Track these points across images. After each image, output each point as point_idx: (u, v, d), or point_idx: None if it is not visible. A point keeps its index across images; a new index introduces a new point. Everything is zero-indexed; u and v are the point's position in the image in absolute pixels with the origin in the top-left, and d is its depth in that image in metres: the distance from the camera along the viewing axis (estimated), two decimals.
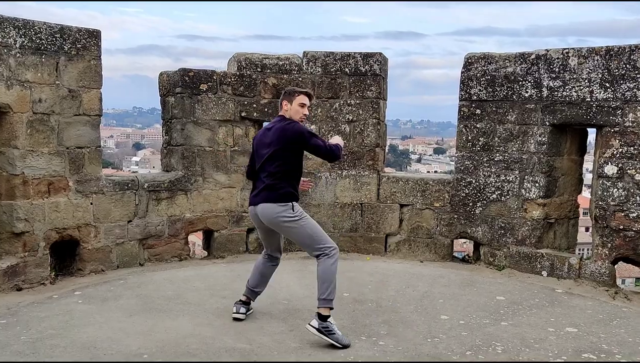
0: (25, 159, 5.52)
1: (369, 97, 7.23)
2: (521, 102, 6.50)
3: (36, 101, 5.56)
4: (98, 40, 6.03)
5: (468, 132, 6.86)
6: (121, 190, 6.32)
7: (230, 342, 4.20)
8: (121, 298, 5.19)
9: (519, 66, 6.50)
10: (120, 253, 6.34)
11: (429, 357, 4.02)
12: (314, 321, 4.18)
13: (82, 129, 5.96)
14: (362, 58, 7.21)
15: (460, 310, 5.07)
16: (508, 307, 5.21)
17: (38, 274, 5.65)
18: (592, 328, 4.71)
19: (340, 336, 4.15)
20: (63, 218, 5.84)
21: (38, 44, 5.55)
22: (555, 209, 6.54)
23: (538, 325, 4.76)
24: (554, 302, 5.42)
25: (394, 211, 7.27)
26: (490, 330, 4.60)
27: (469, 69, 6.79)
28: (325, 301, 4.20)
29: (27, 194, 5.54)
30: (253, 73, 7.05)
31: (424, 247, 7.15)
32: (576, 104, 6.14)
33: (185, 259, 6.83)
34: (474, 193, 6.87)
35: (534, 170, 6.47)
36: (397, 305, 5.17)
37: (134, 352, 3.98)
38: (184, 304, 5.05)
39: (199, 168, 6.90)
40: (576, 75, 6.12)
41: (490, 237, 6.79)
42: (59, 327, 4.44)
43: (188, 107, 6.82)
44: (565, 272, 6.22)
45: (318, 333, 4.13)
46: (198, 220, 6.94)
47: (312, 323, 4.17)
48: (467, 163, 6.89)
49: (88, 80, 5.95)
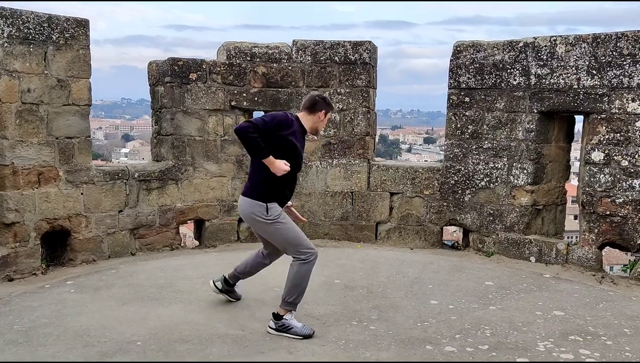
0: (15, 149, 5.50)
1: (358, 85, 7.26)
2: (509, 89, 6.56)
3: (25, 91, 5.54)
4: (86, 29, 6.00)
5: (457, 120, 6.91)
6: (112, 180, 6.32)
7: (223, 329, 4.24)
8: (113, 287, 5.21)
9: (507, 54, 6.55)
10: (111, 243, 6.35)
11: (419, 341, 4.09)
12: (271, 322, 4.15)
13: (72, 119, 5.94)
14: (351, 47, 7.23)
15: (450, 295, 5.14)
16: (496, 292, 5.29)
17: (29, 264, 5.65)
18: (578, 312, 4.80)
19: (299, 328, 4.10)
20: (54, 208, 5.84)
21: (26, 33, 5.52)
22: (543, 196, 6.62)
23: (526, 309, 4.84)
24: (542, 286, 5.51)
25: (384, 199, 7.32)
26: (479, 315, 4.67)
27: (458, 57, 6.83)
28: (290, 304, 4.14)
29: (17, 184, 5.53)
30: (242, 62, 7.05)
31: (414, 235, 7.21)
32: (564, 92, 6.20)
33: (177, 249, 6.85)
34: (463, 180, 6.93)
35: (522, 157, 6.54)
36: (387, 291, 5.23)
37: (127, 339, 4.01)
38: (176, 292, 5.08)
39: (190, 157, 6.91)
40: (564, 62, 6.18)
41: (479, 223, 6.87)
42: (52, 315, 4.46)
43: (177, 97, 6.81)
44: (553, 258, 6.31)
45: (278, 333, 4.10)
46: (189, 209, 6.95)
47: (270, 325, 4.15)
48: (456, 151, 6.95)
49: (77, 69, 5.93)
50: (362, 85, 7.26)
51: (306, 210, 7.34)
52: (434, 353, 3.89)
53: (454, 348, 3.99)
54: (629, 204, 5.86)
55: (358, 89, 7.26)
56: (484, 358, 3.84)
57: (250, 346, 3.95)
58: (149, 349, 3.87)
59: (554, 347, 4.04)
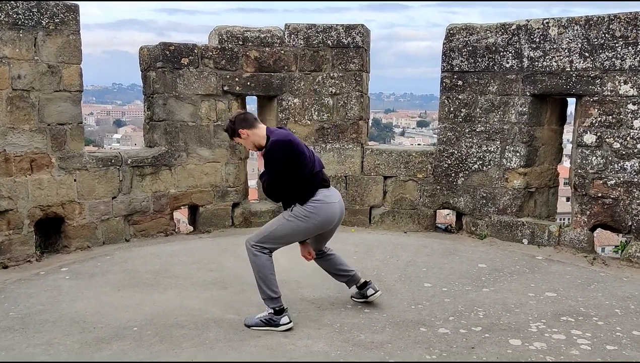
0: (6, 136, 5.47)
1: (351, 69, 7.24)
2: (502, 72, 6.56)
3: (15, 77, 5.49)
4: (76, 14, 5.94)
5: (450, 103, 6.91)
6: (105, 166, 6.30)
7: (219, 313, 4.27)
8: (108, 274, 5.22)
9: (500, 37, 6.54)
10: (105, 230, 6.35)
11: (413, 323, 4.13)
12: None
13: (63, 105, 5.90)
14: (344, 30, 7.19)
15: (443, 278, 5.19)
16: (489, 274, 5.34)
17: (24, 252, 5.65)
18: (570, 293, 4.85)
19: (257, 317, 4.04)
20: (47, 195, 5.82)
21: (15, 19, 5.46)
22: (536, 178, 6.65)
23: (519, 290, 4.90)
24: (534, 268, 5.56)
25: (377, 183, 7.34)
26: (473, 297, 4.72)
27: (451, 40, 6.82)
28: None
29: (9, 171, 5.50)
30: (235, 46, 7.00)
31: (408, 218, 7.25)
32: (556, 74, 6.21)
33: (171, 234, 6.86)
34: (456, 164, 6.95)
35: (514, 140, 6.56)
36: (381, 274, 5.27)
37: (123, 325, 4.04)
38: (171, 278, 5.10)
39: (183, 143, 6.88)
40: (556, 45, 6.18)
41: (472, 206, 6.90)
42: (48, 302, 4.48)
43: (169, 82, 6.77)
44: (545, 240, 6.37)
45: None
46: (183, 195, 6.95)
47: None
48: (449, 134, 6.96)
49: (67, 55, 5.88)
50: (355, 69, 7.24)
51: None
52: (428, 335, 3.94)
53: (447, 330, 4.03)
54: (620, 186, 5.91)
55: (351, 73, 7.24)
56: (477, 339, 3.89)
57: (246, 330, 3.98)
58: (145, 334, 3.89)
59: (546, 328, 4.09)
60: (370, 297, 4.45)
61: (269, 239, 4.05)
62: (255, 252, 4.02)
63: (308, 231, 4.08)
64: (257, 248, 4.02)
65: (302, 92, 7.23)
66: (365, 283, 4.47)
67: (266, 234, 4.05)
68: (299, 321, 4.14)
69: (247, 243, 4.07)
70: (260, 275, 4.01)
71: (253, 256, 4.03)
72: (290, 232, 4.05)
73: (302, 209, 3.99)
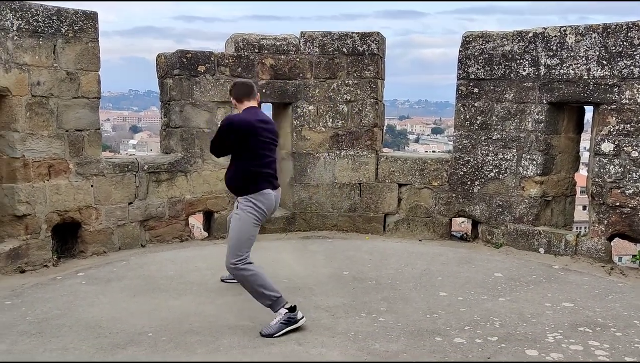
0: (25, 142, 5.54)
1: (366, 76, 7.24)
2: (519, 80, 6.52)
3: (35, 84, 5.57)
4: (95, 22, 6.01)
5: (466, 111, 6.88)
6: (121, 172, 6.35)
7: (233, 320, 4.28)
8: (124, 279, 5.25)
9: (516, 44, 6.50)
10: (121, 235, 6.40)
11: (429, 332, 4.10)
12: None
13: (81, 111, 5.97)
14: (359, 38, 7.20)
15: (459, 287, 5.15)
16: (506, 284, 5.29)
17: (41, 256, 5.70)
18: (587, 303, 4.79)
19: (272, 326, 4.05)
20: (64, 200, 5.88)
21: (35, 26, 5.54)
22: (553, 187, 6.59)
23: (535, 300, 4.84)
24: (551, 278, 5.50)
25: (392, 191, 7.32)
26: (488, 306, 4.68)
27: (467, 47, 6.79)
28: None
29: (28, 177, 5.57)
30: (250, 54, 7.04)
31: (423, 226, 7.21)
32: (573, 82, 6.16)
33: (186, 240, 6.89)
34: (472, 172, 6.92)
35: (531, 148, 6.51)
36: (396, 283, 5.24)
37: (138, 330, 4.05)
38: (186, 284, 5.12)
39: (198, 149, 6.93)
40: (574, 53, 6.13)
41: (488, 215, 6.85)
42: (64, 307, 4.51)
43: (186, 89, 6.82)
44: (562, 249, 6.30)
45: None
46: (198, 201, 6.98)
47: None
48: (465, 142, 6.93)
49: (86, 62, 5.95)
50: (370, 76, 7.24)
51: (314, 201, 7.36)
52: (443, 344, 3.91)
53: (463, 339, 4.00)
54: (638, 195, 5.83)
55: (366, 80, 7.24)
56: (493, 349, 3.85)
57: (260, 337, 3.97)
58: (160, 340, 3.90)
59: (563, 339, 4.04)
60: None
61: (241, 246, 4.05)
62: (240, 266, 4.02)
63: (260, 220, 4.15)
64: (240, 262, 4.02)
65: (317, 99, 7.24)
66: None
67: (235, 246, 4.05)
68: (313, 329, 4.13)
69: (228, 265, 4.06)
70: (257, 284, 4.03)
71: (241, 271, 4.03)
72: (246, 229, 4.07)
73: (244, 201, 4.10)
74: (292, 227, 7.33)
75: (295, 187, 7.35)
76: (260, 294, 4.05)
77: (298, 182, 7.36)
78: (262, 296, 4.06)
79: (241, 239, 4.05)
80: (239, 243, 4.05)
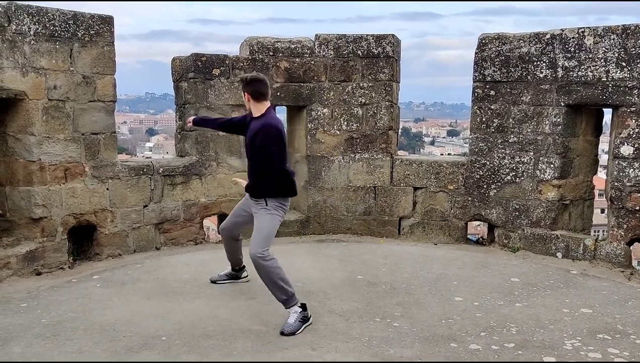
0: (42, 145, 5.58)
1: (381, 79, 7.20)
2: (536, 82, 6.44)
3: (51, 88, 5.61)
4: (111, 26, 6.05)
5: (482, 113, 6.81)
6: (137, 175, 6.38)
7: (246, 324, 4.26)
8: (139, 282, 5.27)
9: (533, 46, 6.43)
10: (136, 238, 6.42)
11: (444, 338, 4.05)
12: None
13: (97, 115, 6.01)
14: (374, 40, 7.17)
15: (475, 292, 5.09)
16: (522, 289, 5.21)
17: (57, 259, 5.74)
18: (607, 309, 4.70)
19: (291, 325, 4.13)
20: (80, 203, 5.92)
21: (52, 30, 5.59)
22: (570, 190, 6.50)
23: (553, 306, 4.77)
24: (569, 283, 5.42)
25: (407, 194, 7.27)
26: (505, 312, 4.61)
27: (483, 49, 6.73)
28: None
29: (44, 180, 5.61)
30: (265, 57, 7.04)
31: (438, 230, 7.15)
32: (592, 84, 6.07)
33: (201, 243, 6.91)
34: (488, 175, 6.84)
35: (548, 151, 6.43)
36: (411, 287, 5.19)
37: (152, 334, 4.05)
38: (200, 287, 5.11)
39: (213, 153, 6.94)
40: (592, 54, 6.05)
41: (504, 219, 6.77)
42: (79, 310, 4.53)
43: (201, 92, 6.84)
44: (580, 254, 6.20)
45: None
46: (213, 204, 6.99)
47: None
48: (481, 145, 6.86)
49: (102, 66, 5.99)
50: (385, 78, 7.20)
51: (328, 204, 7.33)
52: (458, 351, 3.85)
53: (479, 346, 3.94)
54: None
55: (381, 83, 7.20)
56: (509, 356, 3.79)
57: (274, 342, 3.95)
58: (173, 344, 3.90)
59: (581, 346, 3.97)
60: (242, 277, 5.20)
61: (269, 240, 4.24)
62: (267, 258, 4.14)
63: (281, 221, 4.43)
64: (266, 253, 4.15)
65: (331, 102, 7.22)
66: (243, 266, 5.19)
67: (266, 237, 4.22)
68: (327, 334, 4.10)
69: (255, 256, 4.12)
70: (279, 277, 4.15)
71: (266, 262, 4.13)
72: (276, 226, 4.33)
73: (277, 203, 4.31)
74: (306, 230, 7.30)
75: (309, 190, 7.33)
76: (279, 287, 4.17)
77: (312, 186, 7.34)
78: (280, 289, 4.17)
79: (270, 233, 4.25)
80: (269, 235, 4.23)
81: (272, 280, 4.16)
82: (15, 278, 5.31)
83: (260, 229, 4.23)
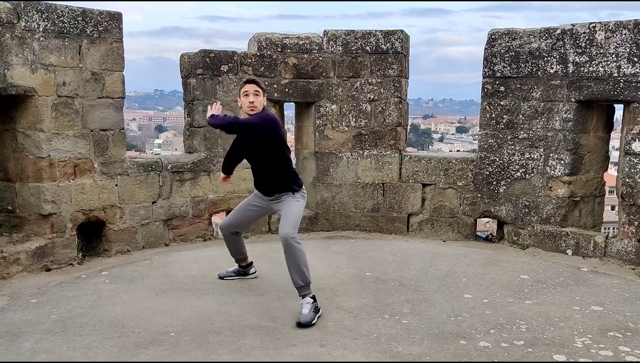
0: (51, 142, 5.60)
1: (390, 75, 7.17)
2: (546, 78, 6.38)
3: (60, 84, 5.63)
4: (119, 22, 6.05)
5: (492, 109, 6.77)
6: (145, 172, 6.39)
7: (255, 320, 4.26)
8: (147, 278, 5.28)
9: (543, 42, 6.37)
10: (145, 234, 6.44)
11: (453, 335, 4.03)
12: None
13: (106, 111, 6.02)
14: (383, 36, 7.13)
15: (484, 289, 5.06)
16: (532, 286, 5.18)
17: (66, 255, 5.77)
18: (618, 307, 4.66)
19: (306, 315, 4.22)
20: (89, 199, 5.94)
21: (61, 27, 5.60)
22: (581, 187, 6.44)
23: (563, 303, 4.73)
24: (579, 280, 5.37)
25: (416, 190, 7.24)
26: (514, 309, 4.58)
27: (493, 45, 6.68)
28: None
29: (53, 176, 5.63)
30: (273, 53, 7.03)
31: (447, 227, 7.12)
32: (603, 80, 6.01)
33: (209, 239, 6.91)
34: (497, 171, 6.80)
35: (559, 147, 6.37)
36: (420, 284, 5.17)
37: (161, 330, 4.06)
38: (209, 283, 5.12)
39: (221, 149, 6.93)
40: (603, 50, 5.98)
41: (514, 215, 6.73)
42: (88, 306, 4.54)
43: (209, 89, 6.83)
44: (591, 251, 6.15)
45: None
46: (221, 200, 7.00)
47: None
48: (491, 141, 6.81)
49: (110, 63, 6.00)
50: (394, 75, 7.16)
51: (337, 201, 7.32)
52: (468, 348, 3.83)
53: (488, 343, 3.91)
54: None
55: (390, 79, 7.17)
56: (519, 354, 3.76)
57: (282, 338, 3.95)
58: (182, 340, 3.90)
59: (592, 344, 3.93)
60: (251, 274, 5.24)
61: (298, 224, 4.48)
62: (298, 240, 4.33)
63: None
64: (297, 236, 4.34)
65: (339, 98, 7.19)
66: (250, 263, 5.26)
67: (297, 222, 4.45)
68: (335, 330, 4.09)
69: (288, 236, 4.28)
70: (303, 262, 4.32)
71: (297, 245, 4.30)
72: (302, 212, 4.63)
73: (301, 193, 4.64)
74: (314, 227, 7.30)
75: (318, 186, 7.32)
76: (301, 272, 4.31)
77: (321, 182, 7.32)
78: (301, 274, 4.31)
79: (299, 218, 4.52)
80: (299, 219, 4.49)
81: (296, 263, 4.29)
82: (25, 274, 5.34)
83: (290, 215, 4.44)
